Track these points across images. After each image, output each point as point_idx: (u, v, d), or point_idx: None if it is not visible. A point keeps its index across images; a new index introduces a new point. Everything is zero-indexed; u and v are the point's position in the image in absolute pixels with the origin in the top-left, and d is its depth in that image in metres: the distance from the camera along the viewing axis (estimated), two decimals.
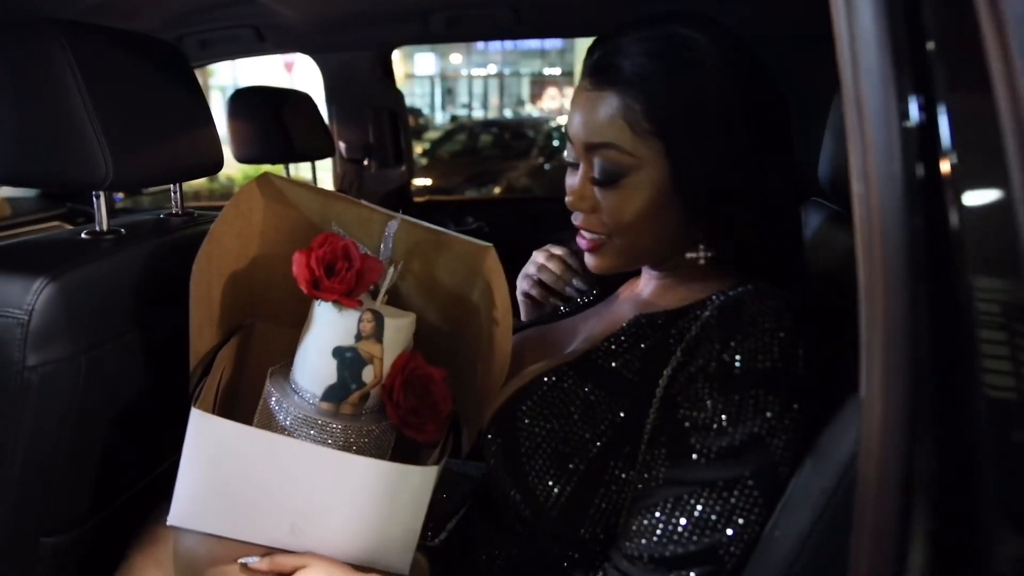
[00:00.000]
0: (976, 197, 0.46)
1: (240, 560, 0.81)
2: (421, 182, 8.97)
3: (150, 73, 0.92)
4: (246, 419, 0.85)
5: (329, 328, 0.84)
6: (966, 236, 0.46)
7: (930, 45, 0.47)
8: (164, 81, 0.95)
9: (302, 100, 2.03)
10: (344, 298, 0.82)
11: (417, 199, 2.46)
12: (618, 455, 0.79)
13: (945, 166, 0.46)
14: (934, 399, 0.48)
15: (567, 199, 0.87)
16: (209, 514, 0.82)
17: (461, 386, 0.95)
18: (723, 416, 0.72)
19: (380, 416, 0.87)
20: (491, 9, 1.84)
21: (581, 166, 0.85)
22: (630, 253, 0.86)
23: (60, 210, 2.40)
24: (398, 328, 0.86)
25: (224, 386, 0.95)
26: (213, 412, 0.93)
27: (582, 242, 0.88)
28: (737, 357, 0.73)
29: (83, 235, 0.90)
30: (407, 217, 0.88)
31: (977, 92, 0.45)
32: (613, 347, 0.85)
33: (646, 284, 0.94)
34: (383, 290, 0.89)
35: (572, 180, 0.87)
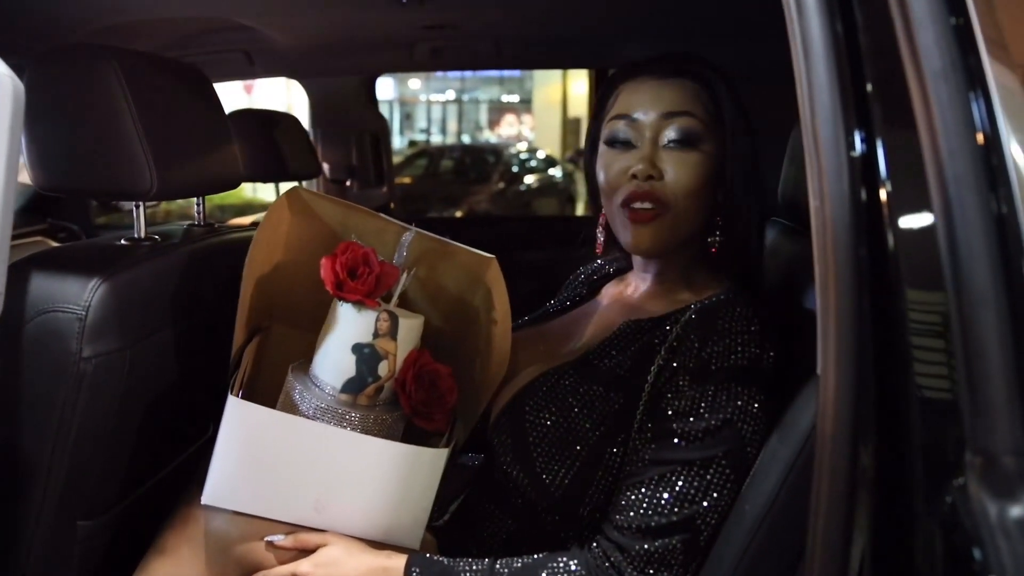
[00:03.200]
0: (906, 216, 0.58)
1: (267, 538, 0.90)
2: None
3: (185, 95, 1.02)
4: None
5: (350, 326, 0.94)
6: (899, 245, 0.58)
7: (869, 88, 0.60)
8: (195, 102, 1.04)
9: (292, 123, 2.11)
10: (366, 298, 0.92)
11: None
12: (614, 441, 0.90)
13: (883, 191, 0.59)
14: (876, 378, 0.60)
15: (637, 167, 0.93)
16: (242, 493, 0.90)
17: (459, 383, 1.05)
18: (701, 405, 0.84)
19: (392, 407, 0.96)
20: (474, 41, 1.96)
21: (647, 139, 0.95)
22: (675, 231, 0.95)
23: (41, 225, 2.43)
24: (411, 327, 0.96)
25: (247, 382, 1.04)
26: None
27: (640, 215, 0.94)
28: (713, 355, 0.85)
29: (123, 241, 0.99)
30: (421, 230, 0.98)
31: (906, 129, 0.57)
32: (607, 349, 0.96)
33: (635, 289, 1.06)
34: (396, 293, 0.99)
35: (627, 155, 0.96)
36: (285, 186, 2.32)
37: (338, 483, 0.91)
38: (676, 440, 0.84)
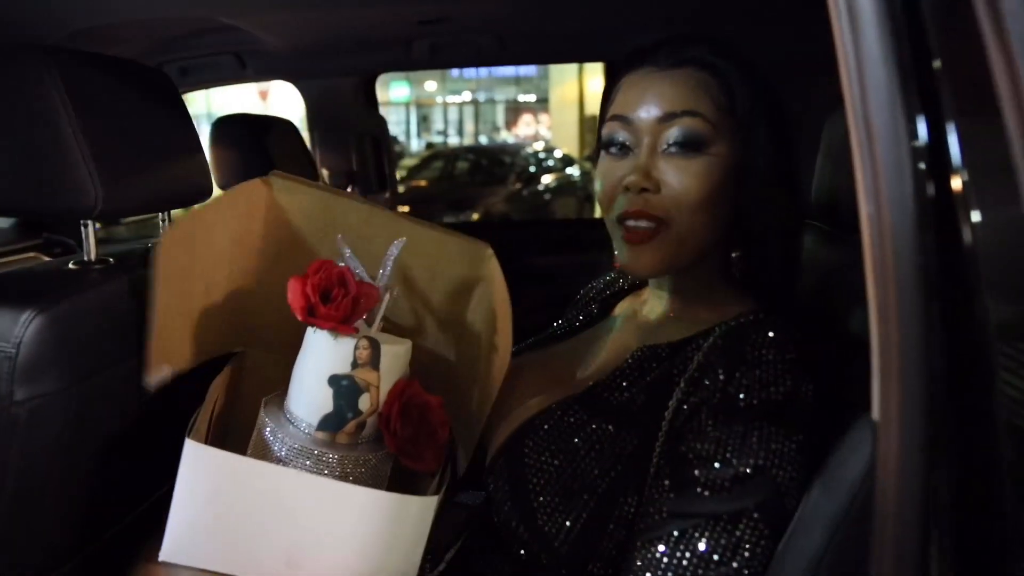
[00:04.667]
0: (988, 215, 0.46)
1: None
2: (399, 209, 8.94)
3: (140, 100, 0.91)
4: (239, 451, 0.83)
5: (325, 356, 0.83)
6: (979, 254, 0.46)
7: (936, 64, 0.48)
8: (154, 108, 0.94)
9: (285, 127, 2.02)
10: (340, 325, 0.81)
11: None
12: (627, 489, 0.78)
13: (956, 183, 0.46)
14: (952, 421, 0.48)
15: (629, 179, 0.82)
16: (204, 548, 0.79)
17: (457, 409, 0.94)
18: (728, 448, 0.71)
19: (377, 445, 0.85)
20: (475, 36, 1.84)
21: (644, 144, 0.83)
22: (680, 247, 0.83)
23: (36, 240, 2.35)
24: (395, 355, 0.85)
25: (217, 418, 0.93)
26: (206, 443, 0.91)
27: (635, 234, 0.83)
28: (741, 389, 0.73)
29: (71, 265, 0.88)
30: (407, 216, 0.87)
31: (985, 111, 0.45)
32: (619, 380, 0.84)
33: (651, 308, 0.93)
34: (378, 316, 0.88)
35: (624, 163, 0.84)
36: None
37: (313, 536, 0.80)
38: (699, 490, 0.71)
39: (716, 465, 0.71)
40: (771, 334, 0.76)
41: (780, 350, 0.74)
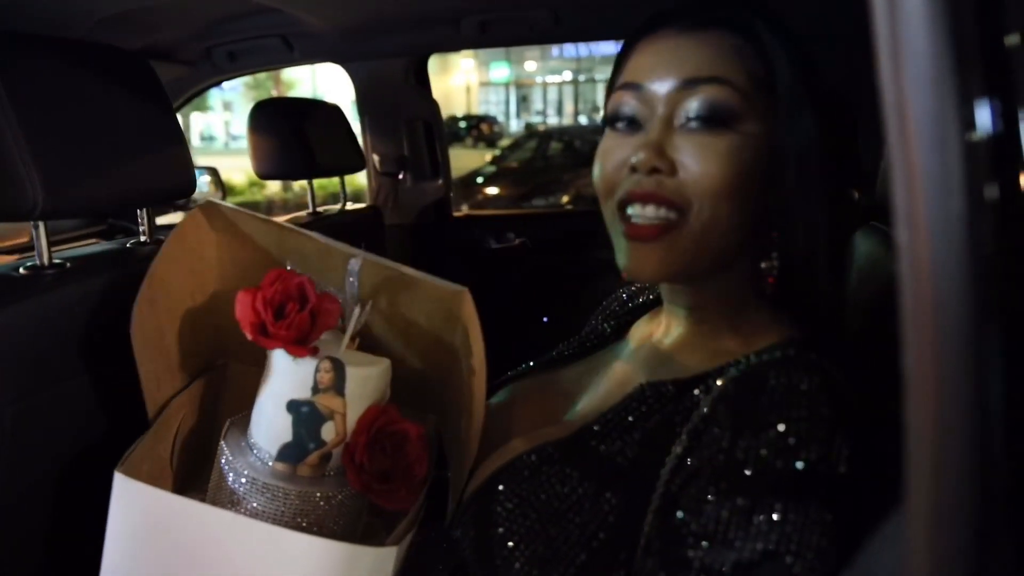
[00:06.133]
0: None
1: None
2: (490, 191, 8.90)
3: (104, 87, 0.83)
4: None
5: (283, 378, 0.73)
6: None
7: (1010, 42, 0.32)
8: (122, 96, 0.85)
9: (329, 112, 1.94)
10: (293, 346, 0.70)
11: (456, 214, 2.34)
12: (611, 564, 0.63)
13: None
14: (1008, 532, 0.33)
15: (637, 157, 0.67)
16: None
17: (449, 438, 0.82)
18: (730, 528, 0.56)
19: (346, 480, 0.75)
20: (527, 11, 1.71)
21: (658, 117, 0.68)
22: (697, 247, 0.67)
23: (100, 227, 2.39)
24: (364, 379, 0.74)
25: (186, 439, 0.85)
26: (171, 469, 0.83)
27: (640, 229, 0.68)
28: (750, 452, 0.57)
29: (21, 270, 0.81)
30: (371, 255, 0.75)
31: None
32: (610, 426, 0.69)
33: (666, 331, 0.78)
34: (349, 332, 0.77)
35: (632, 140, 0.69)
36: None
37: None
38: (693, 573, 0.56)
39: (715, 548, 0.56)
40: (802, 380, 0.59)
41: (812, 401, 0.58)
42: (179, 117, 1.62)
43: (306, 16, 1.70)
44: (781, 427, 0.57)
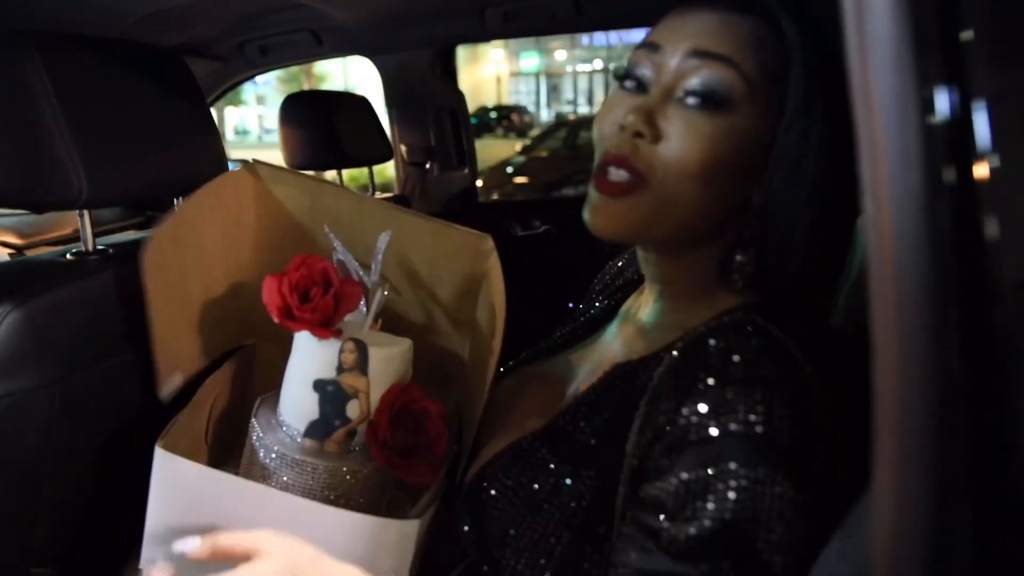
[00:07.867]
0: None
1: (176, 547, 0.68)
2: (519, 180, 8.92)
3: (141, 83, 0.88)
4: None
5: (309, 359, 0.77)
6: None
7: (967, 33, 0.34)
8: (157, 91, 0.90)
9: (357, 104, 1.98)
10: (318, 328, 0.74)
11: (482, 201, 2.38)
12: (588, 543, 0.64)
13: (982, 171, 0.33)
14: (965, 485, 0.35)
15: (628, 118, 0.67)
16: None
17: (468, 412, 0.86)
18: (687, 496, 0.56)
19: (370, 455, 0.79)
20: (549, 1, 1.73)
21: (660, 84, 0.68)
22: (654, 215, 0.68)
23: (139, 219, 2.46)
24: (387, 359, 0.78)
25: (221, 416, 0.89)
26: (206, 444, 0.88)
27: (608, 185, 0.68)
28: (691, 417, 0.57)
29: (68, 256, 0.86)
30: (396, 207, 0.78)
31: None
32: (583, 408, 0.71)
33: (642, 309, 0.78)
34: (372, 313, 0.81)
35: (633, 101, 0.69)
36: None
37: None
38: (660, 546, 0.57)
39: (677, 518, 0.57)
40: (741, 346, 0.59)
41: (749, 365, 0.58)
42: (213, 111, 1.68)
43: (334, 10, 1.74)
44: (717, 388, 0.57)
